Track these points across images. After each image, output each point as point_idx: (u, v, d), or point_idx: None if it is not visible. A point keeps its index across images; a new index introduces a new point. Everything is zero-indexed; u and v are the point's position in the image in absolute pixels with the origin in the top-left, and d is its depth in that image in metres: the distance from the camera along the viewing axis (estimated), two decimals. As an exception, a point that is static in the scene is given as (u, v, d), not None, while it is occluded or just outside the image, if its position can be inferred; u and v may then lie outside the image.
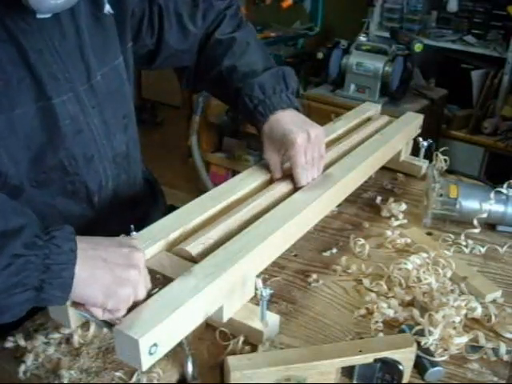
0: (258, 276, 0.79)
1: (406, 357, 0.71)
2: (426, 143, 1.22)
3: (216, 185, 0.96)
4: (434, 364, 0.74)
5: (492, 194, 1.04)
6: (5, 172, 0.78)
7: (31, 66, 0.78)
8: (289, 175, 0.99)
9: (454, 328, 0.79)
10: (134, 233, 0.80)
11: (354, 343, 0.74)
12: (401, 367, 0.70)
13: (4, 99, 0.76)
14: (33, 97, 0.79)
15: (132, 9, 0.96)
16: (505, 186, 1.06)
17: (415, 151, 1.28)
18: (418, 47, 2.33)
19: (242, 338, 0.76)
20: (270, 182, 0.99)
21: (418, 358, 0.74)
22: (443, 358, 0.76)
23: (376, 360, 0.70)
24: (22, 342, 0.75)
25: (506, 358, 0.77)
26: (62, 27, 0.82)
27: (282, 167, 0.98)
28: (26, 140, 0.79)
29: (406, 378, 0.72)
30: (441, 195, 1.06)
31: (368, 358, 0.69)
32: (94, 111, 0.87)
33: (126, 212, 0.97)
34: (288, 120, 0.96)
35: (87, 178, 0.89)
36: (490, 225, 1.08)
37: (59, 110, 0.81)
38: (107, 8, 0.88)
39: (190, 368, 0.71)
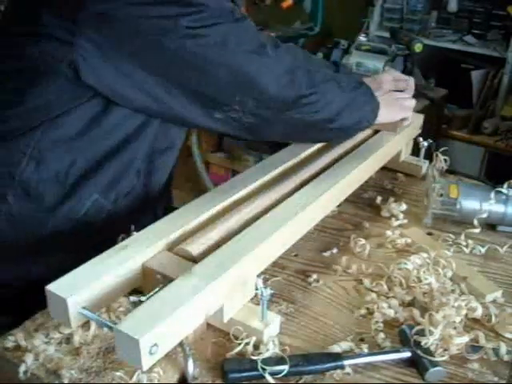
0: (258, 276, 0.79)
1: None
2: (426, 143, 1.22)
3: (216, 185, 0.97)
4: (435, 364, 0.74)
5: (492, 194, 1.04)
6: None
7: None
8: (289, 175, 1.00)
9: (455, 328, 0.79)
10: (135, 232, 0.80)
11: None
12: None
13: None
14: None
15: None
16: (505, 186, 1.06)
17: (415, 151, 1.28)
18: (417, 47, 2.33)
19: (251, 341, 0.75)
20: (270, 182, 0.99)
21: (418, 357, 0.74)
22: (443, 358, 0.76)
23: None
24: (22, 342, 0.75)
25: (506, 358, 0.77)
26: None
27: None
28: None
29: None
30: (441, 195, 1.06)
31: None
32: None
33: None
34: None
35: None
36: (490, 225, 1.08)
37: None
38: None
39: (190, 368, 0.70)
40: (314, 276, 0.92)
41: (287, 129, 0.98)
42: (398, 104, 1.14)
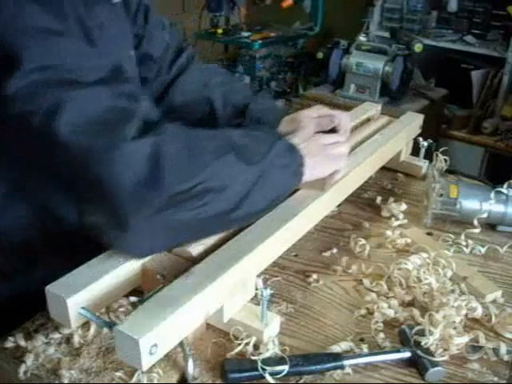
0: (258, 276, 0.79)
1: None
2: (425, 143, 1.22)
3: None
4: (435, 364, 0.74)
5: (492, 194, 1.04)
6: None
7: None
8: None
9: (455, 328, 0.79)
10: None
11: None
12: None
13: None
14: None
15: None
16: (505, 186, 1.06)
17: (415, 151, 1.28)
18: (418, 47, 2.34)
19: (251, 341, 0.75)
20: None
21: (418, 357, 0.74)
22: (443, 358, 0.76)
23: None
24: (22, 342, 0.75)
25: (506, 358, 0.77)
26: None
27: None
28: None
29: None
30: (441, 195, 1.06)
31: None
32: None
33: None
34: None
35: None
36: (490, 225, 1.08)
37: None
38: None
39: (190, 368, 0.71)
40: (314, 276, 0.92)
41: (170, 235, 0.72)
42: (325, 153, 0.86)
